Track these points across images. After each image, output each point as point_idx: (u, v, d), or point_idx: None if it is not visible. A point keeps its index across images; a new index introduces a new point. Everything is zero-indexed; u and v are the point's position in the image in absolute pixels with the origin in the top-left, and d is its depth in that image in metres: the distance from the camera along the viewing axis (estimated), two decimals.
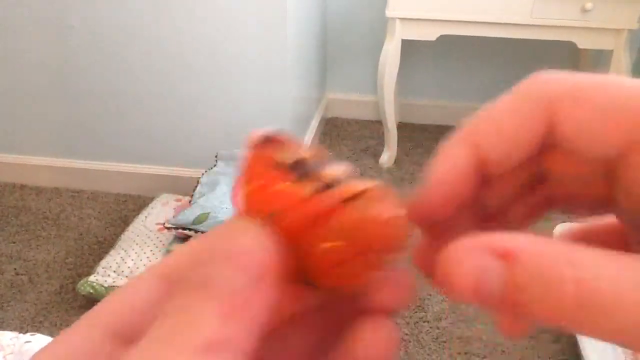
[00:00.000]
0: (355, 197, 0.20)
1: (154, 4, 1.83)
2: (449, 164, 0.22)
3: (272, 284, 0.19)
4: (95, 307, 0.21)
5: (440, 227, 0.23)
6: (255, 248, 0.19)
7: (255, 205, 0.21)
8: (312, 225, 0.20)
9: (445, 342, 1.60)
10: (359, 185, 0.21)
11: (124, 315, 0.21)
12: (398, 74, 2.14)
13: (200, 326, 0.17)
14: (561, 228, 1.76)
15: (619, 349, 1.40)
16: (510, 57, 2.48)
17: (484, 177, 0.22)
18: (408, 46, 2.29)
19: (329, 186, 0.21)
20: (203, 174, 1.75)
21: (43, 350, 0.20)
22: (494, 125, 0.22)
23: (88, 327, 0.20)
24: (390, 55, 2.08)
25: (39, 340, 0.71)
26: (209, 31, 1.86)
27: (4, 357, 0.67)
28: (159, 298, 0.20)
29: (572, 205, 0.24)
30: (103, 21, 1.88)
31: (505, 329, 0.23)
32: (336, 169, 0.21)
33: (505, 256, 0.18)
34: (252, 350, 0.18)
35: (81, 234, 1.94)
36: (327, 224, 0.20)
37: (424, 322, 1.65)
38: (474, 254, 0.18)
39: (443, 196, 0.22)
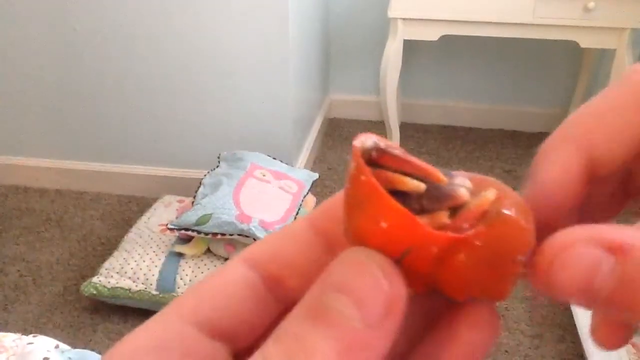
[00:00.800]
0: (487, 211, 0.19)
1: (156, 7, 1.84)
2: (560, 168, 0.21)
3: (395, 329, 0.18)
4: (177, 298, 0.21)
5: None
6: (385, 290, 0.18)
7: (381, 239, 0.18)
8: (452, 253, 0.19)
9: None
10: (486, 197, 0.19)
11: (204, 305, 0.20)
12: (400, 74, 2.14)
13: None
14: None
15: (623, 349, 1.39)
16: (513, 56, 2.48)
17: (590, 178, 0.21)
18: (410, 46, 2.29)
19: (455, 208, 0.19)
20: (205, 175, 1.75)
21: (127, 341, 0.20)
22: (604, 123, 0.21)
23: (172, 317, 0.20)
24: (393, 55, 2.08)
25: (42, 342, 0.71)
26: (211, 33, 1.86)
27: (7, 358, 0.68)
28: (252, 295, 0.20)
29: None
30: (105, 23, 1.88)
31: (603, 337, 0.22)
32: (457, 183, 0.19)
33: (615, 251, 0.17)
34: None
35: (84, 236, 1.95)
36: (467, 249, 0.18)
37: None
38: (584, 247, 0.17)
39: (554, 202, 0.20)
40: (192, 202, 1.64)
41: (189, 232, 1.56)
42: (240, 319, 0.21)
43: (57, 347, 0.72)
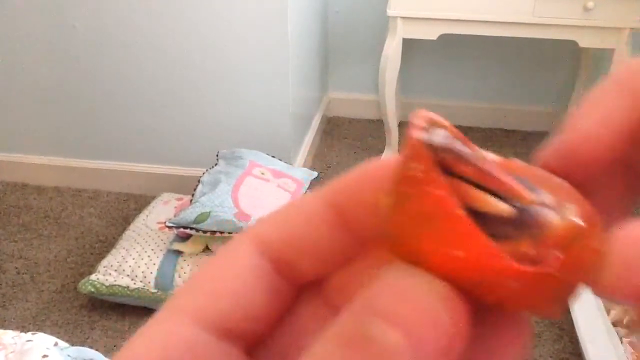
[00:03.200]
0: (568, 242, 0.16)
1: (155, 6, 1.83)
2: (603, 112, 0.18)
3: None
4: (179, 294, 0.18)
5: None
6: (445, 328, 0.15)
7: (450, 267, 0.15)
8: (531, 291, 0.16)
9: None
10: (574, 222, 0.16)
11: (208, 304, 0.18)
12: (399, 73, 2.14)
13: None
14: None
15: (621, 348, 1.40)
16: (512, 56, 2.48)
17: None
18: (409, 45, 2.28)
19: (533, 233, 0.15)
20: (204, 173, 1.75)
21: (131, 347, 0.18)
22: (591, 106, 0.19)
23: (179, 318, 0.18)
24: (392, 54, 2.08)
25: (41, 340, 0.71)
26: (209, 30, 1.86)
27: (6, 356, 0.67)
28: (264, 286, 0.18)
29: None
30: (104, 21, 1.88)
31: None
32: (543, 201, 0.16)
33: None
34: None
35: (82, 233, 1.95)
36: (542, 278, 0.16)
37: None
38: None
39: (595, 151, 0.18)
40: (191, 200, 1.64)
41: (188, 230, 1.56)
42: (252, 315, 0.18)
43: (55, 344, 0.72)
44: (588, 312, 1.49)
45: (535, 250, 0.15)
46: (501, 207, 0.16)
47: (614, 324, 1.52)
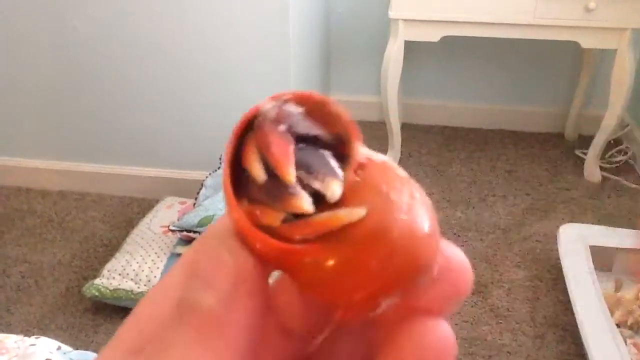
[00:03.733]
0: (337, 234, 0.17)
1: (156, 7, 1.84)
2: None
3: (252, 305, 0.18)
4: (117, 331, 0.20)
5: None
6: (228, 265, 0.18)
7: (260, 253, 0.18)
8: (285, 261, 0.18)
9: None
10: (335, 217, 0.17)
11: (135, 339, 0.20)
12: (401, 74, 2.14)
13: (176, 358, 0.16)
14: (566, 229, 1.76)
15: (625, 349, 1.39)
16: (514, 57, 2.48)
17: None
18: (411, 47, 2.29)
19: (276, 206, 0.18)
20: (207, 177, 1.75)
21: None
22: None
23: (112, 355, 0.20)
24: (394, 56, 2.08)
25: (44, 344, 0.72)
26: (211, 34, 1.86)
27: None
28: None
29: None
30: (106, 24, 1.89)
31: None
32: (315, 187, 0.18)
33: None
34: None
35: (86, 237, 1.95)
36: (298, 265, 0.18)
37: None
38: None
39: None
40: (194, 204, 1.64)
41: (191, 234, 1.56)
42: None
43: (59, 348, 0.73)
44: (592, 313, 1.48)
45: (282, 226, 0.18)
46: (256, 173, 0.18)
47: (618, 325, 1.52)
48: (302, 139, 0.19)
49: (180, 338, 0.17)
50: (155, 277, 1.57)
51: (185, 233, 1.57)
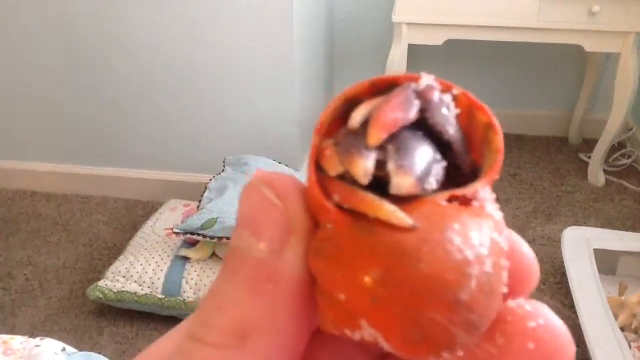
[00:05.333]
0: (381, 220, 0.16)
1: (161, 12, 1.85)
2: None
3: (302, 253, 0.17)
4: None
5: None
6: (280, 211, 0.17)
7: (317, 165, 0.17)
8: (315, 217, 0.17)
9: None
10: (387, 210, 0.16)
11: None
12: None
13: (229, 309, 0.16)
14: (570, 232, 1.76)
15: (629, 353, 1.39)
16: (518, 60, 2.48)
17: None
18: (415, 51, 2.29)
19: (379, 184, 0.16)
20: (211, 180, 1.76)
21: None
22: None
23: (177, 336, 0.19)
24: (397, 59, 2.08)
25: (49, 345, 0.72)
26: (216, 39, 1.87)
27: None
28: None
29: None
30: (111, 29, 1.90)
31: None
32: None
33: None
34: (294, 334, 0.16)
35: (91, 240, 1.96)
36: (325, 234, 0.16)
37: None
38: None
39: None
40: (198, 207, 1.64)
41: (195, 236, 1.56)
42: None
43: (64, 349, 0.73)
44: (596, 317, 1.48)
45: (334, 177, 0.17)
46: (354, 116, 0.17)
47: (622, 329, 1.51)
48: (431, 135, 0.17)
49: (231, 289, 0.16)
50: (159, 279, 1.58)
51: (189, 236, 1.57)
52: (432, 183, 0.17)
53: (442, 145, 0.17)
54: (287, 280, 0.16)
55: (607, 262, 1.71)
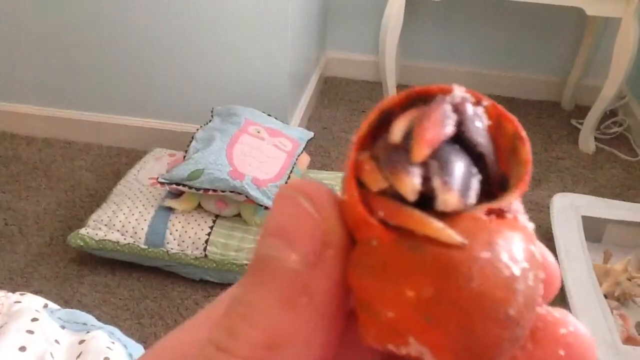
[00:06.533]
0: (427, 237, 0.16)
1: None
2: None
3: (338, 265, 0.16)
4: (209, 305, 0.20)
5: None
6: (317, 222, 0.16)
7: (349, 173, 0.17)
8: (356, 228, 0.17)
9: None
10: (437, 227, 0.16)
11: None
12: (401, 35, 2.09)
13: (259, 320, 0.15)
14: (559, 198, 1.75)
15: (612, 320, 1.40)
16: (516, 21, 2.43)
17: None
18: (412, 6, 2.23)
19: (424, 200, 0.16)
20: (198, 129, 1.71)
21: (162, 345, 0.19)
22: None
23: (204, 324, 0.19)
24: (394, 15, 2.03)
25: (29, 301, 0.69)
26: None
27: None
28: None
29: None
30: None
31: None
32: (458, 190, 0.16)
33: None
34: (322, 346, 0.16)
35: (72, 186, 1.91)
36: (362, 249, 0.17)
37: None
38: None
39: None
40: (184, 157, 1.60)
41: (180, 187, 1.53)
42: None
43: (45, 306, 0.70)
44: (580, 284, 1.48)
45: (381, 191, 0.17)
46: (394, 130, 0.17)
47: (606, 296, 1.52)
48: (465, 147, 0.18)
49: (261, 299, 0.16)
50: (142, 229, 1.54)
51: (174, 186, 1.53)
52: (472, 197, 0.17)
53: (474, 157, 0.18)
54: (321, 294, 0.16)
55: (593, 229, 1.71)
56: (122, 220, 1.56)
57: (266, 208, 1.53)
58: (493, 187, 0.18)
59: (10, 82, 2.08)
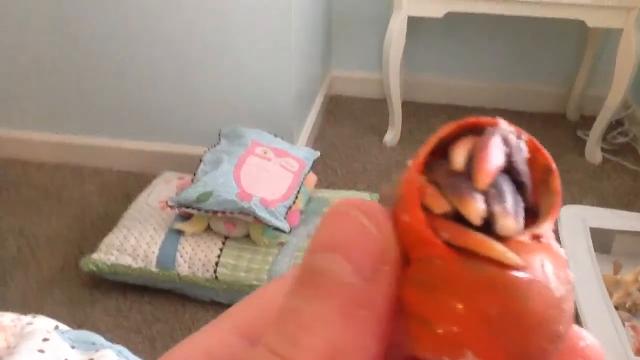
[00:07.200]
0: (483, 256, 0.17)
1: None
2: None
3: (393, 280, 0.17)
4: (235, 307, 0.21)
5: None
6: (374, 237, 0.17)
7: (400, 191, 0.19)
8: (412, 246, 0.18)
9: None
10: (501, 250, 0.17)
11: (254, 319, 0.20)
12: (404, 51, 2.11)
13: (321, 331, 0.16)
14: (566, 210, 1.75)
15: (623, 331, 1.39)
16: (518, 35, 2.45)
17: None
18: (414, 23, 2.25)
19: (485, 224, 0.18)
20: (206, 152, 1.73)
21: (181, 347, 0.20)
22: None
23: (228, 327, 0.20)
24: (396, 32, 2.05)
25: (41, 322, 0.70)
26: (213, 6, 1.82)
27: (5, 339, 0.67)
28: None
29: None
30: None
31: None
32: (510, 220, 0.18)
33: None
34: (375, 356, 0.17)
35: (83, 210, 1.94)
36: (419, 264, 0.18)
37: None
38: None
39: None
40: (192, 179, 1.62)
41: (189, 210, 1.54)
42: None
43: (56, 327, 0.72)
44: (590, 295, 1.48)
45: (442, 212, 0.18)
46: (457, 158, 0.18)
47: (616, 307, 1.52)
48: (510, 176, 0.19)
49: (321, 310, 0.16)
50: (153, 252, 1.56)
51: (183, 209, 1.55)
52: (521, 223, 0.18)
53: (516, 185, 0.19)
54: (377, 307, 0.17)
55: (602, 240, 1.71)
56: (133, 244, 1.58)
57: (275, 228, 1.54)
58: (526, 214, 0.20)
59: (21, 109, 2.11)
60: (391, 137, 2.29)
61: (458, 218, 0.18)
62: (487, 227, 0.18)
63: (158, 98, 2.01)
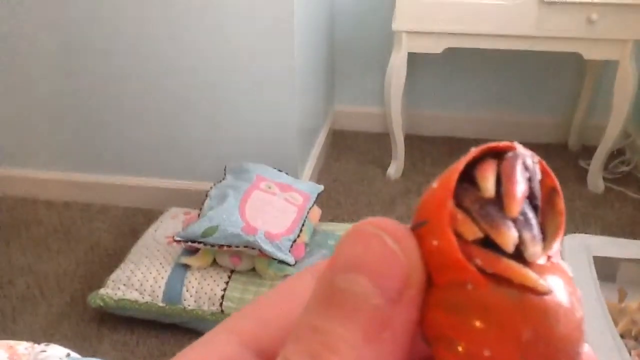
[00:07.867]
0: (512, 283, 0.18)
1: (162, 18, 1.86)
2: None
3: (418, 302, 0.17)
4: (233, 316, 0.21)
5: None
6: (400, 260, 0.17)
7: (419, 212, 0.19)
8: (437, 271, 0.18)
9: None
10: (532, 277, 0.18)
11: (256, 328, 0.20)
12: (405, 86, 2.15)
13: (345, 351, 0.16)
14: (570, 239, 1.76)
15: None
16: (517, 68, 2.49)
17: None
18: (414, 58, 2.30)
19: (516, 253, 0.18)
20: (212, 187, 1.76)
21: (184, 354, 0.20)
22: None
23: (227, 337, 0.20)
24: (397, 67, 2.09)
25: (54, 350, 0.72)
26: (217, 44, 1.88)
27: None
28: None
29: None
30: (113, 36, 1.91)
31: None
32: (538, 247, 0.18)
33: None
34: None
35: (91, 247, 1.96)
36: (450, 292, 0.18)
37: None
38: None
39: None
40: (199, 214, 1.65)
41: (195, 244, 1.57)
42: None
43: (68, 355, 0.73)
44: (595, 324, 1.48)
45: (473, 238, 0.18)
46: (486, 186, 0.19)
47: (622, 336, 1.51)
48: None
49: (345, 331, 0.16)
50: (159, 287, 1.58)
51: (189, 243, 1.57)
52: (541, 247, 0.19)
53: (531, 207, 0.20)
54: (402, 330, 0.17)
55: (606, 268, 1.71)
56: (140, 279, 1.60)
57: (280, 261, 1.56)
58: None
59: (30, 149, 2.16)
60: (394, 169, 2.32)
61: (485, 242, 0.18)
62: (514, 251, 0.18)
63: (164, 136, 2.05)
